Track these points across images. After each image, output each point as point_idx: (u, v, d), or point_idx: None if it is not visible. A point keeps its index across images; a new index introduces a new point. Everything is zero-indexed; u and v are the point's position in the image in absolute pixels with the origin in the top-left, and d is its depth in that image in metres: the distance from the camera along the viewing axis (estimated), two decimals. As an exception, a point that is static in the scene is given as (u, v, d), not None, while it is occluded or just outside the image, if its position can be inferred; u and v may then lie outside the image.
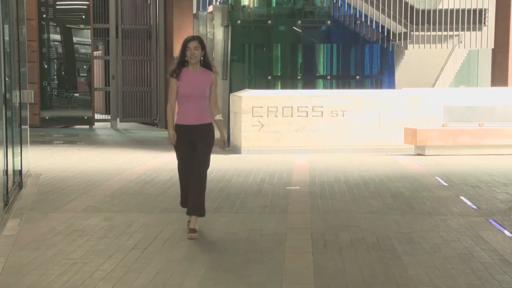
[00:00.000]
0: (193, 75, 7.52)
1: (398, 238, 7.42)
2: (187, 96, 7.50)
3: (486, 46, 18.17)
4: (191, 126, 7.54)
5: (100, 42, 26.37)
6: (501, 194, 10.14)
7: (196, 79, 7.51)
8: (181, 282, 5.85)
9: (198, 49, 7.46)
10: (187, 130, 7.55)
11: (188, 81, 7.49)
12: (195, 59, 7.48)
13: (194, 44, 7.46)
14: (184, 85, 7.49)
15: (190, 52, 7.43)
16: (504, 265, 6.40)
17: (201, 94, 7.52)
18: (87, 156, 15.26)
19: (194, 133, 7.55)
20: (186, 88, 7.49)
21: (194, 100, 7.51)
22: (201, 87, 7.53)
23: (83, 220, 8.33)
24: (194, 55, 7.45)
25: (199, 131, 7.57)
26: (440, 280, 5.91)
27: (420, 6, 17.38)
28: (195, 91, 7.50)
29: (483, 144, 14.92)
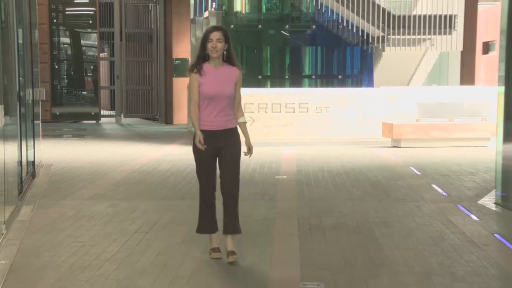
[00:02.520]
0: (216, 73, 5.89)
1: (376, 222, 7.43)
2: (211, 97, 5.83)
3: (456, 48, 18.22)
4: (218, 132, 5.87)
5: (105, 44, 26.36)
6: (468, 182, 10.17)
7: (220, 77, 5.88)
8: (180, 262, 5.86)
9: (221, 41, 5.83)
10: (213, 137, 5.84)
11: (212, 79, 5.86)
12: (217, 52, 5.84)
13: (217, 35, 5.83)
14: (207, 84, 5.84)
15: (212, 44, 5.80)
16: (471, 246, 6.42)
17: (227, 94, 5.87)
18: (94, 148, 15.25)
19: (221, 140, 5.89)
20: (210, 87, 5.83)
21: (220, 101, 5.86)
22: (227, 86, 5.88)
23: (90, 207, 8.32)
24: (216, 48, 5.82)
25: (227, 137, 5.92)
26: (414, 261, 5.93)
27: (396, 12, 17.41)
28: (220, 91, 5.84)
29: (452, 137, 14.96)
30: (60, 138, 17.78)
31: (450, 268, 5.71)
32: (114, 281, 5.31)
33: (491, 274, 5.57)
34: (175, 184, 10.09)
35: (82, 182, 10.25)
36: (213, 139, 5.84)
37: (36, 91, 11.00)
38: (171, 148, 15.34)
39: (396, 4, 17.95)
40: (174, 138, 17.84)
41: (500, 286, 5.28)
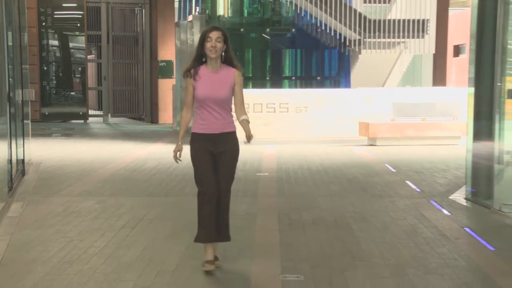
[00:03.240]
0: (212, 76, 5.44)
1: (353, 217, 7.46)
2: (205, 100, 5.41)
3: (428, 51, 18.32)
4: (214, 136, 5.46)
5: (93, 47, 26.25)
6: (440, 178, 10.23)
7: (215, 80, 5.43)
8: (165, 257, 5.85)
9: (220, 41, 5.38)
10: (208, 140, 5.46)
11: (206, 82, 5.41)
12: (216, 52, 5.38)
13: (216, 35, 5.37)
14: (203, 87, 5.40)
15: (211, 43, 5.35)
16: (443, 239, 6.46)
17: (221, 97, 5.41)
18: (82, 147, 15.18)
19: (217, 145, 5.47)
20: (202, 90, 5.40)
21: (215, 104, 5.42)
22: (221, 89, 5.42)
23: (78, 203, 8.28)
24: (215, 48, 5.36)
25: (224, 142, 5.49)
26: (389, 253, 5.96)
27: (372, 17, 17.47)
28: (215, 94, 5.40)
29: (425, 136, 15.04)
30: (49, 137, 17.67)
31: (423, 260, 5.75)
32: (101, 275, 5.29)
33: (461, 266, 5.61)
34: (160, 182, 10.07)
35: (70, 180, 10.20)
36: (209, 143, 5.44)
37: (26, 91, 10.93)
38: (156, 146, 15.30)
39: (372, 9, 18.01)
40: (159, 137, 17.81)
41: (470, 278, 5.32)
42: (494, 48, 8.12)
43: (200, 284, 5.06)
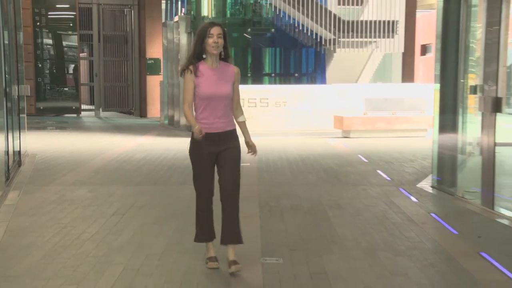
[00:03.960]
0: (213, 72, 4.93)
1: (328, 204, 7.49)
2: (208, 98, 4.89)
3: (397, 50, 18.38)
4: (217, 135, 4.93)
5: (85, 45, 26.11)
6: (409, 168, 10.29)
7: (217, 76, 4.94)
8: (153, 241, 5.84)
9: (221, 37, 4.89)
10: (211, 140, 4.89)
11: (209, 79, 4.90)
12: (218, 48, 4.89)
13: (217, 30, 4.86)
14: (204, 85, 4.88)
15: (213, 39, 4.84)
16: (411, 224, 6.50)
17: (225, 94, 4.93)
18: (75, 139, 15.09)
19: (220, 143, 4.95)
20: (207, 88, 4.88)
21: (218, 102, 4.91)
22: (224, 86, 4.94)
23: (72, 192, 8.24)
24: (218, 44, 4.86)
25: (227, 140, 4.98)
26: (361, 237, 5.99)
27: (345, 18, 17.50)
28: (218, 91, 4.90)
29: (395, 129, 15.11)
30: (44, 130, 17.55)
31: (392, 243, 5.79)
32: (93, 258, 5.27)
33: (427, 248, 5.66)
34: (148, 172, 10.05)
35: (64, 170, 10.14)
36: (212, 143, 4.90)
37: (21, 87, 10.85)
38: (145, 139, 15.25)
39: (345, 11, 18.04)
40: (148, 130, 17.75)
41: (435, 259, 5.36)
42: (458, 48, 8.16)
43: (185, 266, 5.06)
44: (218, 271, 4.95)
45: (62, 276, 4.80)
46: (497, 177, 7.22)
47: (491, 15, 7.23)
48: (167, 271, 4.96)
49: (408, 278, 4.80)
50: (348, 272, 4.94)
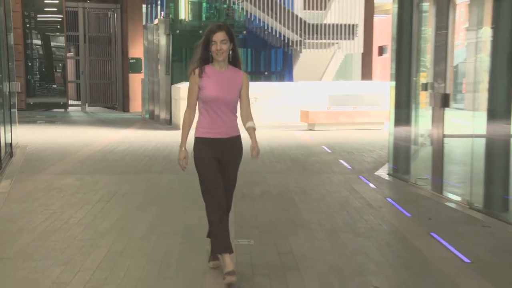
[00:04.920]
0: (220, 75, 4.28)
1: (295, 191, 7.51)
2: (214, 101, 4.25)
3: (357, 51, 18.48)
4: (221, 141, 4.32)
5: (71, 46, 25.82)
6: (368, 157, 10.37)
7: (224, 80, 4.28)
8: (135, 225, 5.81)
9: (225, 42, 4.22)
10: (215, 145, 4.30)
11: (214, 82, 4.25)
12: (223, 55, 4.22)
13: (220, 36, 4.20)
14: (209, 87, 4.24)
15: (216, 46, 4.20)
16: (370, 208, 6.56)
17: (230, 100, 4.30)
18: (63, 132, 14.92)
19: (224, 149, 4.34)
20: (212, 91, 4.23)
21: (222, 106, 4.29)
22: (231, 91, 4.30)
23: (60, 180, 8.15)
24: (221, 51, 4.21)
25: (231, 147, 4.38)
26: (325, 221, 6.02)
27: (310, 21, 17.54)
28: (224, 96, 4.27)
29: (356, 122, 15.21)
30: (34, 124, 17.32)
31: (353, 226, 5.83)
32: (80, 241, 5.23)
33: (384, 230, 5.71)
34: (131, 162, 9.98)
35: (52, 160, 10.03)
36: (216, 148, 4.30)
37: (12, 84, 10.70)
38: (128, 131, 15.14)
39: (310, 15, 18.08)
40: (130, 123, 17.62)
41: (391, 239, 5.42)
42: (411, 49, 8.23)
43: (164, 248, 5.04)
44: (195, 251, 4.93)
45: (51, 258, 4.76)
46: (445, 165, 7.31)
47: (439, 20, 7.30)
48: (148, 252, 4.94)
49: (367, 257, 4.84)
50: (313, 252, 4.97)
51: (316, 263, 4.69)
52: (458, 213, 6.38)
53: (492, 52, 6.15)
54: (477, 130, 6.51)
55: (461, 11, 18.05)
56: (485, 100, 6.28)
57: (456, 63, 17.92)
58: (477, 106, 6.65)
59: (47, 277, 4.31)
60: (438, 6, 7.34)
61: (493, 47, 6.13)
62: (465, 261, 4.70)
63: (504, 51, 6.10)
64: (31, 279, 4.29)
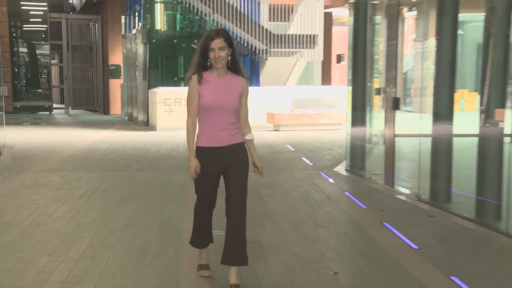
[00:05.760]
0: (219, 82, 3.75)
1: (262, 186, 7.51)
2: (212, 108, 3.72)
3: (318, 59, 18.59)
4: (223, 149, 3.77)
5: (55, 53, 25.46)
6: (327, 155, 10.43)
7: (223, 86, 3.75)
8: (115, 219, 5.74)
9: (224, 48, 3.67)
10: (216, 154, 3.77)
11: (213, 89, 3.72)
12: (221, 62, 3.70)
13: (218, 43, 3.66)
14: (208, 94, 3.72)
15: (214, 54, 3.67)
16: (329, 201, 6.59)
17: (230, 106, 3.75)
18: (48, 133, 14.68)
19: (227, 158, 3.79)
20: (210, 98, 3.71)
21: (222, 114, 3.74)
22: (230, 97, 3.75)
23: (45, 177, 8.02)
24: (220, 58, 3.68)
25: (233, 154, 3.81)
26: (289, 213, 6.04)
27: (275, 32, 17.59)
28: (224, 103, 3.73)
29: (317, 123, 15.29)
30: (21, 126, 17.00)
31: (314, 217, 5.85)
32: (64, 234, 5.15)
33: (342, 220, 5.75)
34: (111, 160, 9.87)
35: (38, 159, 9.85)
36: (218, 157, 3.77)
37: (0, 89, 10.49)
38: (108, 132, 14.97)
39: (275, 26, 18.13)
40: (110, 125, 17.42)
41: (348, 228, 5.46)
42: (365, 57, 8.31)
43: (143, 239, 4.99)
44: (171, 242, 4.90)
45: (36, 249, 4.67)
46: (396, 162, 7.40)
47: (390, 32, 7.38)
48: (127, 243, 4.88)
49: (327, 245, 4.86)
50: (278, 242, 4.97)
51: (281, 251, 4.69)
52: (407, 205, 6.46)
53: (436, 60, 6.25)
54: (424, 130, 6.60)
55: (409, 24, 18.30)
56: (431, 104, 6.38)
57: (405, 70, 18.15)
58: (423, 108, 6.75)
59: (33, 267, 4.23)
60: (389, 19, 7.43)
61: (437, 56, 6.23)
62: (414, 247, 4.76)
63: (447, 60, 6.21)
64: (18, 269, 4.21)
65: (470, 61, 18.88)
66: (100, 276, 4.04)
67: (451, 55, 6.18)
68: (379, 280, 4.00)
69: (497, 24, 5.40)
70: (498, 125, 5.34)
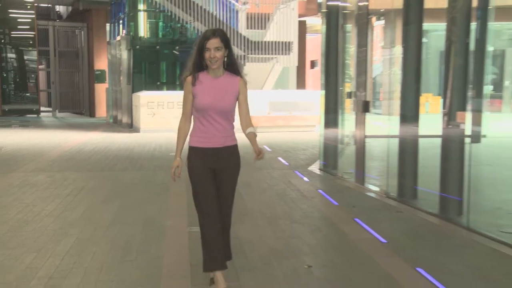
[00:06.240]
0: (214, 82, 3.50)
1: (241, 184, 7.40)
2: (208, 109, 3.48)
3: (293, 64, 18.66)
4: (216, 150, 3.60)
5: (43, 59, 25.17)
6: (302, 155, 10.46)
7: (218, 87, 3.50)
8: (100, 217, 5.69)
9: (220, 48, 3.41)
10: (210, 155, 3.58)
11: (208, 89, 3.48)
12: (216, 63, 3.44)
13: (214, 43, 3.39)
14: (202, 95, 3.47)
15: (210, 54, 3.41)
16: (304, 199, 6.61)
17: (225, 108, 3.52)
18: (36, 135, 14.47)
19: (219, 160, 3.62)
20: (205, 98, 3.47)
21: (217, 114, 3.52)
22: (225, 98, 3.51)
23: (33, 177, 7.90)
24: (215, 58, 3.41)
25: (226, 157, 3.68)
26: (266, 210, 6.04)
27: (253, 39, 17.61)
28: (218, 103, 3.49)
29: (292, 125, 15.33)
30: (9, 128, 16.73)
31: (289, 214, 5.86)
32: (51, 231, 5.08)
33: (316, 216, 5.77)
34: (97, 160, 9.77)
35: (26, 160, 9.71)
36: (210, 158, 3.56)
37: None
38: (94, 134, 14.82)
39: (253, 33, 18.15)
40: (96, 127, 17.25)
41: (322, 224, 5.48)
42: (337, 63, 8.36)
43: (127, 236, 4.95)
44: (154, 238, 4.87)
45: (24, 246, 4.61)
46: (366, 161, 7.45)
47: (360, 39, 7.44)
48: (112, 240, 4.84)
49: (301, 240, 4.88)
50: (256, 237, 4.97)
51: (258, 246, 4.69)
52: (377, 201, 6.50)
53: (403, 66, 6.31)
54: (392, 131, 6.67)
55: (378, 32, 18.46)
56: (398, 106, 6.44)
57: (375, 75, 18.31)
58: (391, 111, 6.81)
59: (21, 263, 4.17)
60: (359, 27, 7.49)
61: (404, 62, 6.30)
62: (382, 241, 4.80)
63: (412, 66, 6.28)
64: (6, 265, 4.15)
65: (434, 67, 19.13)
66: (86, 271, 4.00)
67: (416, 61, 6.26)
68: (350, 272, 4.02)
69: (457, 33, 5.49)
70: (460, 127, 5.42)
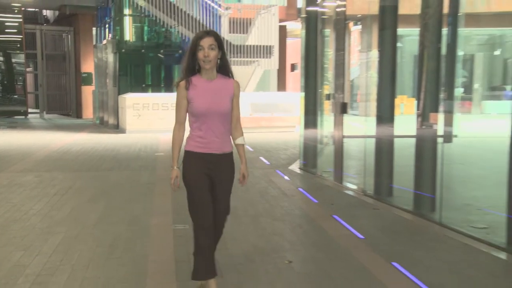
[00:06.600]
0: (209, 85, 3.25)
1: (223, 183, 7.47)
2: (203, 114, 3.22)
3: (273, 67, 18.69)
4: (214, 156, 3.27)
5: (30, 62, 24.84)
6: (282, 155, 10.47)
7: (214, 90, 3.25)
8: (87, 215, 5.62)
9: (214, 48, 3.19)
10: (206, 161, 3.26)
11: (204, 93, 3.22)
12: (210, 62, 3.18)
13: (208, 41, 3.18)
14: (198, 99, 3.21)
15: (204, 52, 3.17)
16: (285, 196, 6.62)
17: (222, 110, 3.26)
18: (24, 135, 14.27)
19: (216, 167, 3.29)
20: (202, 103, 3.21)
21: (215, 119, 3.25)
22: (222, 101, 3.27)
23: (21, 177, 7.78)
24: (209, 57, 3.17)
25: (223, 164, 3.32)
26: (249, 207, 6.02)
27: (235, 42, 17.60)
28: (215, 107, 3.23)
29: (273, 126, 15.34)
30: (-3, 129, 16.48)
31: (271, 211, 5.86)
32: (39, 230, 5.00)
33: (296, 214, 5.77)
34: (83, 161, 9.66)
35: (14, 160, 9.56)
36: (207, 165, 3.26)
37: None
38: (80, 135, 14.66)
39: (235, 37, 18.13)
40: (83, 128, 17.07)
41: (302, 221, 5.48)
42: (316, 66, 8.38)
43: (113, 234, 4.90)
44: (139, 237, 4.83)
45: (12, 244, 4.53)
46: (345, 160, 7.48)
47: (338, 43, 7.47)
48: (99, 238, 4.78)
49: (282, 237, 4.87)
50: (239, 233, 4.96)
51: (241, 243, 4.67)
52: (354, 199, 6.53)
53: (379, 69, 6.35)
54: (369, 132, 6.70)
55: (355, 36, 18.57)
56: (374, 108, 6.48)
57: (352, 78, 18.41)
58: (368, 112, 6.85)
59: (9, 261, 4.10)
60: (337, 32, 7.51)
61: (380, 65, 6.34)
62: (360, 237, 4.82)
63: (388, 69, 6.33)
64: (-6, 264, 4.07)
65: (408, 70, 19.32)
66: (73, 268, 3.94)
67: (391, 65, 6.30)
68: (329, 267, 4.03)
69: (430, 38, 5.54)
70: (433, 127, 5.47)
